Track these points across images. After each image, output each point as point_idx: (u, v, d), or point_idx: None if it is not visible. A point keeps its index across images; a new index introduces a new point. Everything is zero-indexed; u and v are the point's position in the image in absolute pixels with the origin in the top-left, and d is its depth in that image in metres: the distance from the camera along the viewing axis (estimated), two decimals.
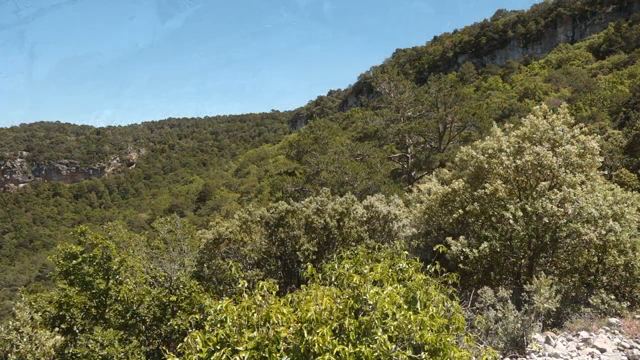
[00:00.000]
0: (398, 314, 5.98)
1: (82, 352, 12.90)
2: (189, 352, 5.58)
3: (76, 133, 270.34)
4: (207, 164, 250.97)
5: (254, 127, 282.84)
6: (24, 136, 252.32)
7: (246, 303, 5.93)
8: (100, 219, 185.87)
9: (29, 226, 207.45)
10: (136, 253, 18.27)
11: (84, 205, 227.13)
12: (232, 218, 21.36)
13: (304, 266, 18.01)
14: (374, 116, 47.96)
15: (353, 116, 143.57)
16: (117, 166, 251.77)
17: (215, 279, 18.74)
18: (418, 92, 46.83)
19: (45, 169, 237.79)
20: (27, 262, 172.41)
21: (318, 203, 20.00)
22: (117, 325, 14.86)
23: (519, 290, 12.67)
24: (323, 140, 40.05)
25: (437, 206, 16.90)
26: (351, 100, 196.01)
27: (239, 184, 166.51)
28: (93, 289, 14.92)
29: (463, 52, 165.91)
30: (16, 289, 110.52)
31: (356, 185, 34.78)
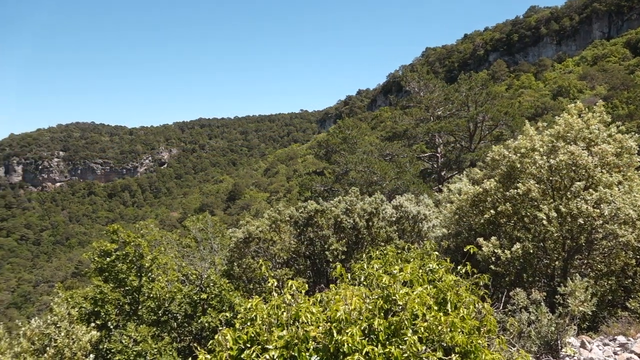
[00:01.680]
0: (428, 315, 5.92)
1: (116, 347, 13.21)
2: (220, 350, 5.64)
3: (110, 133, 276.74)
4: (237, 164, 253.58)
5: (283, 126, 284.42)
6: (60, 136, 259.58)
7: (276, 302, 5.96)
8: (133, 218, 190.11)
9: (65, 224, 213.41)
10: (168, 251, 18.60)
11: (117, 204, 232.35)
12: (262, 217, 21.51)
13: (333, 266, 18.02)
14: (403, 115, 47.62)
15: (382, 115, 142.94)
16: (150, 166, 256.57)
17: (245, 278, 18.91)
18: (448, 90, 46.22)
19: (80, 168, 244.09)
20: (64, 259, 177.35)
21: (347, 203, 19.98)
22: (150, 322, 15.15)
23: (552, 292, 12.39)
24: (352, 140, 39.95)
25: (467, 206, 16.66)
26: (380, 100, 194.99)
27: (268, 184, 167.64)
28: (126, 285, 15.25)
29: (494, 50, 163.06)
30: (53, 284, 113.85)
31: (385, 185, 34.59)
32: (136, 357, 13.29)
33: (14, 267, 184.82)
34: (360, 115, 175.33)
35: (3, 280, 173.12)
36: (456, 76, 61.24)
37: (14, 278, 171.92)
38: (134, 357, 13.27)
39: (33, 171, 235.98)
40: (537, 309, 11.00)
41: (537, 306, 11.12)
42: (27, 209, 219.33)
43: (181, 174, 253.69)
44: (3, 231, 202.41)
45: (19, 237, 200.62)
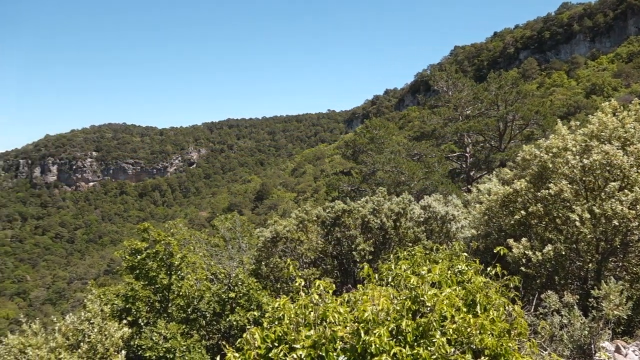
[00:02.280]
0: (457, 316, 5.86)
1: (147, 344, 13.46)
2: (248, 348, 5.69)
3: (141, 134, 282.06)
4: (265, 164, 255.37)
5: (310, 127, 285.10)
6: (93, 137, 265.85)
7: (303, 301, 5.98)
8: (163, 217, 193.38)
9: (98, 223, 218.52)
10: (197, 250, 18.84)
11: (148, 203, 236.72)
12: (289, 217, 21.61)
13: (360, 266, 17.98)
14: (432, 115, 47.20)
15: (410, 115, 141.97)
16: (179, 166, 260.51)
17: (272, 277, 19.03)
18: (477, 89, 45.59)
19: (112, 168, 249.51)
20: (96, 257, 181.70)
21: (374, 203, 19.91)
22: (179, 320, 15.39)
23: (585, 295, 12.10)
24: (379, 140, 39.79)
25: (497, 207, 16.39)
26: (408, 99, 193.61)
27: (295, 184, 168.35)
28: (157, 283, 15.52)
29: (525, 48, 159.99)
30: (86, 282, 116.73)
31: (413, 185, 34.35)
32: (166, 353, 13.51)
33: (49, 264, 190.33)
34: (388, 115, 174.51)
35: (39, 277, 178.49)
36: (485, 75, 60.37)
37: (49, 275, 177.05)
38: (163, 353, 13.50)
39: (67, 171, 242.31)
40: (570, 312, 10.75)
41: (570, 309, 10.87)
42: (62, 207, 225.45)
43: (210, 174, 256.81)
44: (39, 229, 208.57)
45: (54, 235, 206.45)
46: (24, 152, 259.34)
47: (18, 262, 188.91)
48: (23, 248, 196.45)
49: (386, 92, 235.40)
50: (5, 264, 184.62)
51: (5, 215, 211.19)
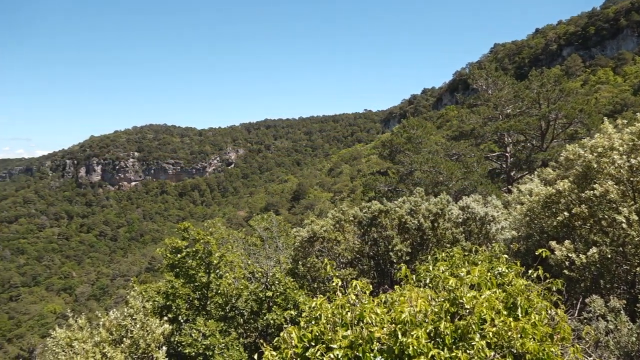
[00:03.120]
0: (497, 319, 5.74)
1: (187, 340, 13.72)
2: (285, 347, 5.73)
3: (181, 134, 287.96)
4: (301, 164, 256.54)
5: (347, 127, 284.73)
6: (135, 138, 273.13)
7: (340, 302, 5.98)
8: (202, 216, 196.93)
9: (140, 221, 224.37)
10: (235, 249, 19.09)
11: (187, 202, 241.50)
12: (326, 217, 21.64)
13: (397, 267, 17.84)
14: (471, 114, 46.37)
15: (448, 114, 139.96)
16: (217, 166, 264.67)
17: (309, 277, 19.09)
18: (518, 88, 44.51)
19: (153, 168, 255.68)
20: (138, 255, 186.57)
21: (411, 203, 19.71)
22: (218, 317, 15.63)
23: (633, 300, 11.65)
24: (416, 140, 39.37)
25: (539, 208, 15.97)
26: (446, 99, 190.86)
27: (332, 184, 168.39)
28: (196, 281, 15.81)
29: (568, 44, 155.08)
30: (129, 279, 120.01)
31: (451, 185, 33.85)
32: (205, 350, 13.74)
33: (93, 261, 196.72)
34: (426, 115, 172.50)
35: (84, 273, 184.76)
36: (527, 73, 58.90)
37: (94, 272, 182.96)
38: (202, 350, 13.74)
39: (111, 171, 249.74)
40: (616, 317, 10.37)
41: (616, 314, 10.49)
42: (105, 206, 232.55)
43: (247, 174, 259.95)
44: (84, 227, 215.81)
45: (98, 233, 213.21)
46: (70, 152, 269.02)
47: (64, 259, 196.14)
48: (69, 245, 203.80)
49: (424, 91, 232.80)
50: (53, 261, 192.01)
51: (52, 213, 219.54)
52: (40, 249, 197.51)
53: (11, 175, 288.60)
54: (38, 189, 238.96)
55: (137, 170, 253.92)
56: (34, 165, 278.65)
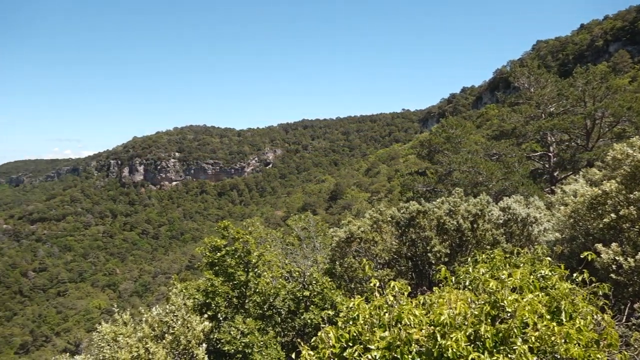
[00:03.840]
0: (540, 324, 5.60)
1: (225, 338, 13.93)
2: (323, 347, 5.74)
3: (220, 135, 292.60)
4: (339, 164, 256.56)
5: (385, 126, 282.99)
6: (176, 139, 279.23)
7: (378, 302, 5.95)
8: (241, 215, 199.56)
9: (180, 220, 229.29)
10: (272, 248, 19.25)
11: (226, 202, 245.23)
12: (363, 217, 21.56)
13: (436, 268, 17.62)
14: (512, 113, 45.30)
15: (488, 113, 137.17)
16: (256, 166, 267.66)
17: (346, 277, 19.07)
18: (562, 85, 43.19)
19: (193, 168, 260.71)
20: (179, 253, 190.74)
21: (450, 204, 19.43)
22: (256, 316, 15.79)
23: None
24: (456, 139, 38.76)
25: (584, 209, 15.47)
26: (486, 97, 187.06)
27: (369, 184, 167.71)
28: (235, 280, 16.02)
29: (616, 40, 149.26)
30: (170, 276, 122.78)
31: (491, 186, 33.17)
32: (244, 348, 13.91)
33: (136, 258, 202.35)
34: (465, 114, 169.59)
35: (127, 270, 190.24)
36: (571, 70, 57.18)
37: (136, 269, 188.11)
38: (241, 348, 13.91)
39: (152, 171, 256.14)
40: None
41: None
42: (148, 205, 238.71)
43: (285, 174, 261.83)
44: (127, 225, 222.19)
45: (140, 231, 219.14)
46: (114, 153, 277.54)
47: (109, 256, 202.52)
48: (113, 243, 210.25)
49: (463, 90, 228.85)
50: (98, 258, 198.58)
51: (98, 212, 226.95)
52: (86, 246, 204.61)
53: (59, 175, 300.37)
54: (84, 188, 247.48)
55: (177, 170, 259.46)
56: (81, 166, 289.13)
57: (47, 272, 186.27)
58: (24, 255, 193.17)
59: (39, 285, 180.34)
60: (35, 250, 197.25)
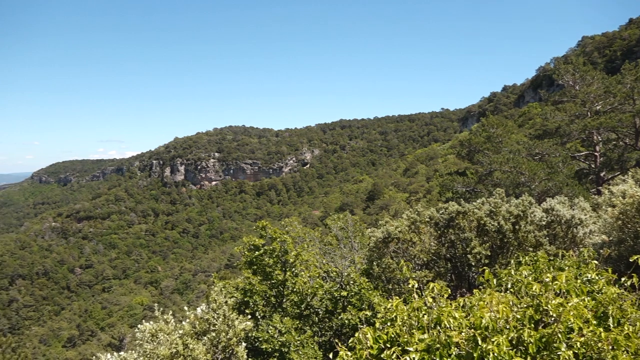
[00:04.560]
0: (585, 329, 5.41)
1: (264, 336, 14.06)
2: (360, 348, 5.72)
3: (258, 135, 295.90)
4: (376, 164, 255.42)
5: (423, 126, 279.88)
6: (216, 139, 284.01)
7: (417, 304, 5.88)
8: (279, 215, 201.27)
9: (220, 219, 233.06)
10: (310, 248, 19.32)
11: (264, 201, 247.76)
12: (401, 218, 21.39)
13: (476, 270, 17.30)
14: (555, 111, 44.01)
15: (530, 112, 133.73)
16: (293, 166, 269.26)
17: (384, 278, 18.95)
18: (609, 82, 41.63)
19: (233, 168, 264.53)
20: (218, 252, 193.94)
21: (491, 205, 19.03)
22: (294, 315, 15.88)
23: None
24: (496, 139, 37.95)
25: (633, 211, 14.88)
26: (528, 96, 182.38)
27: (407, 184, 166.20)
28: (272, 279, 16.17)
29: None
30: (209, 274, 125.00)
31: (534, 186, 32.32)
32: (281, 347, 14.01)
33: (177, 256, 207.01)
34: (506, 113, 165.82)
35: (169, 268, 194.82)
36: (618, 66, 55.10)
37: (177, 267, 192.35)
38: (279, 347, 14.01)
39: (193, 171, 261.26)
40: None
41: None
42: (188, 205, 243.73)
43: (322, 174, 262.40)
44: (169, 224, 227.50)
45: (181, 230, 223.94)
46: (156, 153, 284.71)
47: (151, 254, 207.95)
48: (155, 241, 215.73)
49: (504, 88, 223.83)
50: (141, 255, 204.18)
51: (140, 210, 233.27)
52: (130, 244, 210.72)
53: (104, 175, 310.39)
54: (128, 187, 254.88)
55: (217, 170, 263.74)
56: (124, 166, 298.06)
57: (92, 268, 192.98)
58: (71, 252, 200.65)
59: (85, 281, 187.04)
60: (81, 248, 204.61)
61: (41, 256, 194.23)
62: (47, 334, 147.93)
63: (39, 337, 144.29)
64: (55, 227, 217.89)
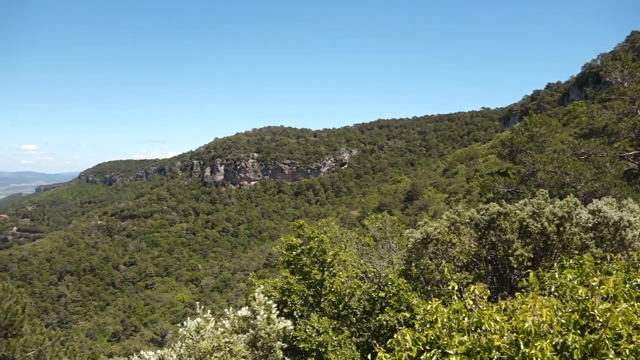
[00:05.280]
0: (635, 336, 5.20)
1: (301, 336, 14.13)
2: (399, 349, 5.67)
3: (297, 136, 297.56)
4: (415, 164, 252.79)
5: (463, 125, 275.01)
6: (255, 139, 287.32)
7: (457, 306, 5.79)
8: (317, 215, 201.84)
9: (258, 219, 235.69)
10: (348, 248, 19.30)
11: (302, 201, 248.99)
12: (440, 218, 21.10)
13: (519, 273, 16.90)
14: (602, 109, 42.50)
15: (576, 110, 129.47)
16: (331, 166, 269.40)
17: (422, 279, 18.74)
18: None
19: (271, 168, 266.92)
20: (257, 251, 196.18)
21: (534, 206, 18.54)
22: (331, 315, 15.89)
23: None
24: (540, 138, 36.96)
25: None
26: (573, 94, 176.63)
27: (446, 184, 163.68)
28: (310, 279, 16.23)
29: None
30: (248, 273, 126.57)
31: (579, 187, 31.31)
32: (318, 347, 14.04)
33: (217, 255, 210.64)
34: (550, 111, 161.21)
35: (208, 266, 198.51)
36: None
37: (217, 265, 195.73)
38: (316, 346, 14.05)
39: (232, 171, 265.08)
40: None
41: None
42: (228, 204, 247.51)
43: (360, 174, 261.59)
44: (209, 223, 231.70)
45: (221, 229, 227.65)
46: (197, 154, 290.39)
47: (192, 252, 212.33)
48: (196, 240, 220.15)
49: (548, 86, 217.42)
50: (182, 254, 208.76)
51: (182, 210, 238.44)
52: (171, 242, 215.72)
53: (147, 175, 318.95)
54: (169, 187, 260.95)
55: (256, 170, 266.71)
56: (166, 166, 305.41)
57: (136, 266, 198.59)
58: (116, 249, 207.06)
59: (129, 278, 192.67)
60: (125, 245, 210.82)
61: (88, 253, 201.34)
62: (93, 329, 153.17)
63: (86, 331, 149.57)
64: (101, 225, 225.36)
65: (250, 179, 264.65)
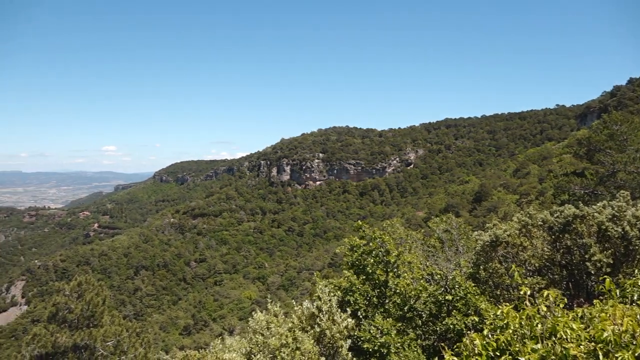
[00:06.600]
0: None
1: (365, 336, 14.08)
2: (467, 354, 5.53)
3: (362, 136, 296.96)
4: (484, 164, 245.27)
5: (536, 124, 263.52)
6: (320, 140, 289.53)
7: (529, 312, 5.56)
8: (382, 215, 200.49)
9: (323, 219, 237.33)
10: (413, 249, 19.04)
11: (367, 202, 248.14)
12: (511, 220, 20.35)
13: (597, 279, 16.00)
14: None
15: None
16: (397, 166, 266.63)
17: (491, 283, 18.16)
18: None
19: (336, 169, 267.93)
20: (321, 250, 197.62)
21: (614, 208, 17.48)
22: (396, 316, 15.73)
23: None
24: (621, 137, 34.78)
25: None
26: None
27: (517, 185, 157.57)
28: (374, 279, 16.14)
29: None
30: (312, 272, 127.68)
31: None
32: (380, 347, 13.94)
33: (283, 254, 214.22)
34: (632, 108, 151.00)
35: (275, 265, 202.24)
36: None
37: (283, 264, 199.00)
38: (378, 347, 13.96)
39: (298, 171, 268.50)
40: None
41: None
42: (293, 204, 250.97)
43: (427, 174, 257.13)
44: (275, 222, 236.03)
45: (287, 228, 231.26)
46: (264, 154, 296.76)
47: (259, 251, 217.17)
48: (262, 238, 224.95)
49: (630, 81, 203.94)
50: (249, 252, 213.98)
51: (249, 209, 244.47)
52: (239, 241, 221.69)
53: (217, 175, 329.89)
54: (238, 187, 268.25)
55: (321, 170, 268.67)
56: (235, 166, 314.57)
57: (206, 262, 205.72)
58: (187, 246, 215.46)
59: (199, 274, 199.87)
60: (196, 243, 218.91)
61: (161, 249, 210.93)
62: (166, 322, 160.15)
63: (159, 324, 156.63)
64: (173, 223, 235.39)
65: (316, 179, 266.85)
